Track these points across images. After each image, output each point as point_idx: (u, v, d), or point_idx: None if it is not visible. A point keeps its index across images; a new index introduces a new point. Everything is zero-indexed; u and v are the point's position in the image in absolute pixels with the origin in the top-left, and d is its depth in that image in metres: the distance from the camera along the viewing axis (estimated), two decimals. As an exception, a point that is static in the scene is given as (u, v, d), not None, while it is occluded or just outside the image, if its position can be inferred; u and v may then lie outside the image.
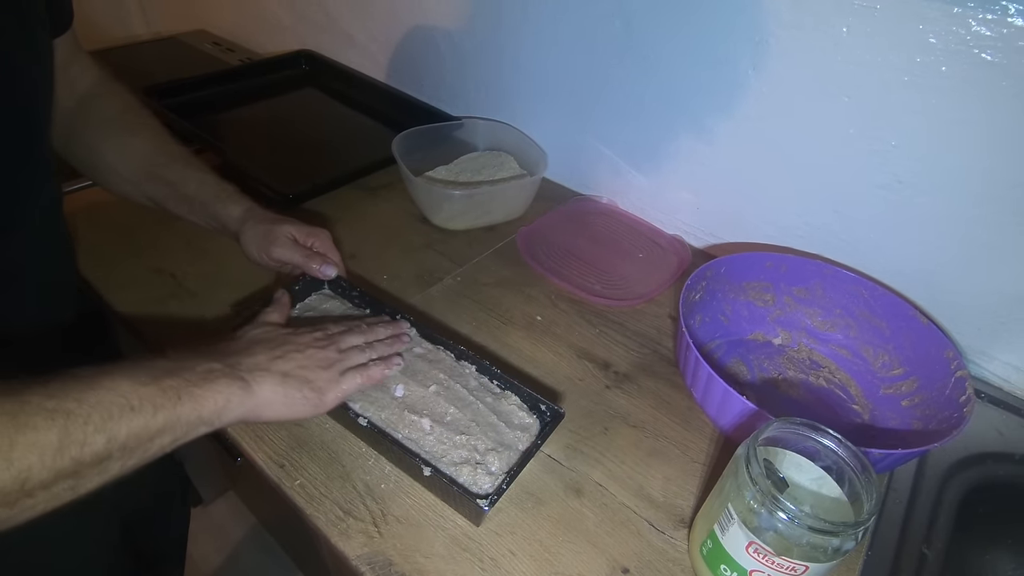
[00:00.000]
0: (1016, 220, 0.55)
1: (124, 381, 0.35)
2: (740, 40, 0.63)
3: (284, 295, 0.55)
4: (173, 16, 1.41)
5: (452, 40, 0.90)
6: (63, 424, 0.32)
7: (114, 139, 0.59)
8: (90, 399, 0.33)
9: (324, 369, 0.46)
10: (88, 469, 0.33)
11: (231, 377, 0.41)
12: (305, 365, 0.45)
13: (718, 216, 0.76)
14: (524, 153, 0.86)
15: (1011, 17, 0.48)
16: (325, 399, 0.45)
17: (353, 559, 0.44)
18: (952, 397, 0.52)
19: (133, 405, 0.35)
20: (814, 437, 0.40)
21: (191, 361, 0.40)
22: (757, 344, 0.67)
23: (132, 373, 0.36)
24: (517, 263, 0.74)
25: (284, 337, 0.48)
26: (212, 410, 0.39)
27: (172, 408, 0.37)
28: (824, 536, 0.35)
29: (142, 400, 0.35)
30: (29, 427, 0.31)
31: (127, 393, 0.35)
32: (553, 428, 0.50)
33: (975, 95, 0.53)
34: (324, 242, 0.61)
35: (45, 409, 0.32)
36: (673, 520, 0.49)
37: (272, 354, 0.45)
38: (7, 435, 0.30)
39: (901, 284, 0.64)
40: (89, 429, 0.33)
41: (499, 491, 0.44)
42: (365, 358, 0.49)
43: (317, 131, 0.97)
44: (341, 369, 0.47)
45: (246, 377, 0.42)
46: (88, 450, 0.33)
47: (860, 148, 0.61)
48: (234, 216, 0.59)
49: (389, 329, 0.54)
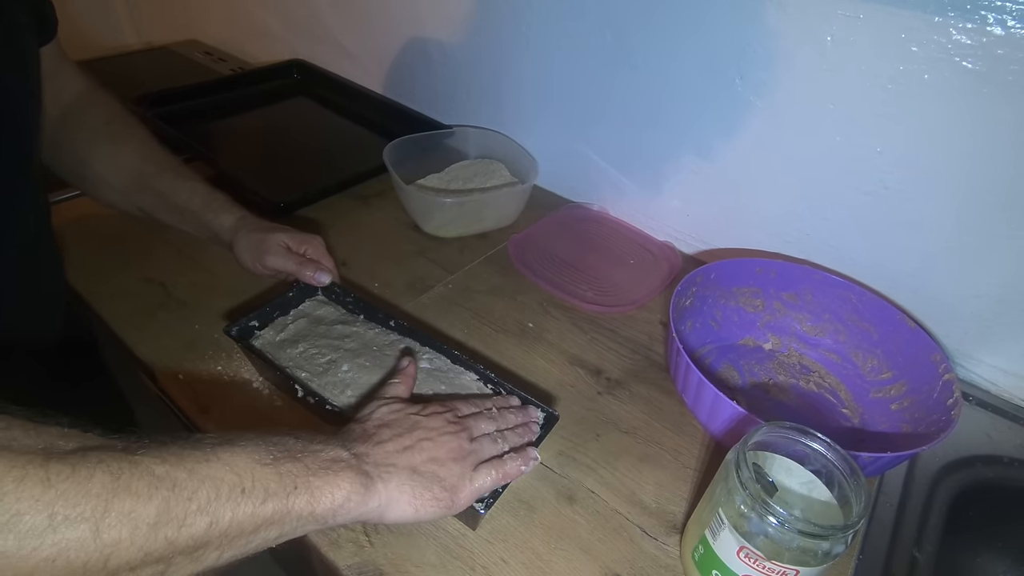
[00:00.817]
0: (1000, 224, 0.56)
1: (241, 458, 0.32)
2: (727, 49, 0.64)
3: (411, 365, 0.50)
4: (164, 26, 1.41)
5: (443, 49, 0.91)
6: (166, 496, 0.28)
7: (101, 148, 0.58)
8: (201, 472, 0.30)
9: (456, 462, 0.41)
10: (181, 556, 0.29)
11: (355, 471, 0.36)
12: (437, 457, 0.40)
13: (708, 223, 0.77)
14: (515, 161, 0.87)
15: (990, 26, 0.49)
16: (458, 499, 0.40)
17: (343, 569, 0.44)
18: (940, 400, 0.53)
19: (245, 487, 0.31)
20: (803, 441, 0.41)
21: (320, 444, 0.37)
22: (747, 349, 0.67)
23: (252, 448, 0.33)
24: (509, 270, 0.74)
25: (414, 420, 0.43)
26: (327, 507, 0.34)
27: (284, 498, 0.33)
28: (814, 540, 0.35)
29: (255, 482, 0.32)
30: (130, 492, 0.27)
31: (242, 471, 0.31)
32: (548, 431, 0.50)
33: (957, 102, 0.53)
34: (317, 249, 0.61)
35: (152, 475, 0.28)
36: (665, 526, 0.49)
37: (401, 443, 0.40)
38: (103, 499, 0.26)
39: (889, 288, 0.64)
40: (192, 507, 0.29)
41: (495, 495, 0.44)
42: (498, 450, 0.44)
43: (309, 140, 0.97)
44: (475, 463, 0.42)
45: (371, 473, 0.37)
46: (185, 532, 0.29)
47: (846, 155, 0.61)
48: (226, 226, 0.59)
49: (519, 416, 0.49)
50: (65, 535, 0.25)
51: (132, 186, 0.59)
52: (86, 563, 0.25)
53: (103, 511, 0.26)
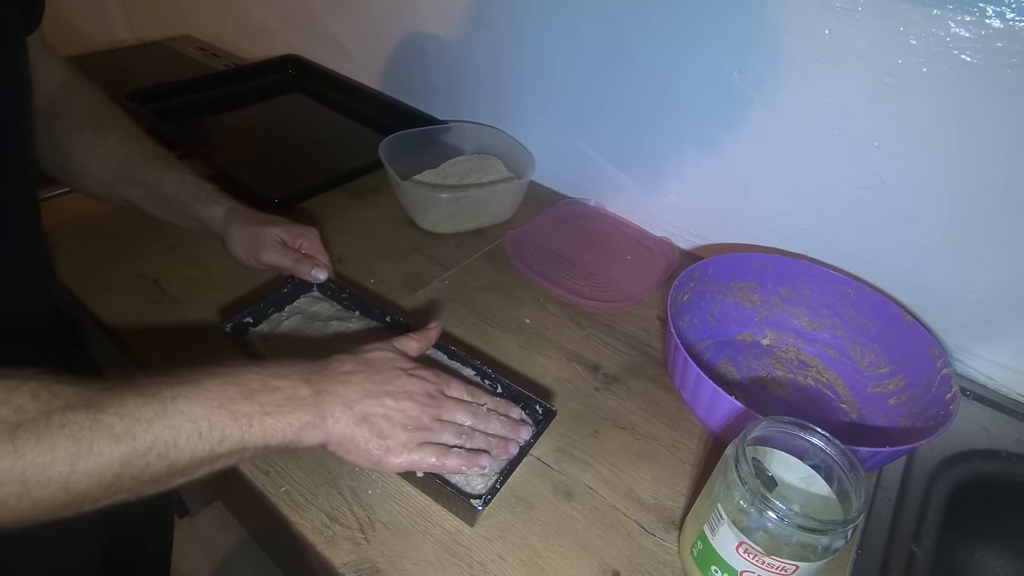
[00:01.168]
0: (997, 219, 0.56)
1: (198, 405, 0.35)
2: (726, 43, 0.63)
3: (436, 328, 0.50)
4: (158, 21, 1.40)
5: (439, 44, 0.90)
6: (127, 451, 0.32)
7: (84, 139, 0.57)
8: (158, 425, 0.33)
9: (406, 430, 0.42)
10: (146, 486, 0.34)
11: (310, 408, 0.39)
12: (390, 416, 0.41)
13: (705, 218, 0.76)
14: (512, 156, 0.86)
15: (989, 19, 0.49)
16: (387, 461, 0.41)
17: (340, 567, 0.44)
18: (938, 395, 0.53)
19: (201, 431, 0.34)
20: (802, 436, 0.40)
21: (281, 380, 0.39)
22: (745, 345, 0.67)
23: (210, 393, 0.35)
24: (505, 266, 0.73)
25: (394, 375, 0.43)
26: (280, 441, 0.38)
27: (240, 435, 0.36)
28: (814, 535, 0.35)
29: (212, 426, 0.35)
30: (91, 453, 0.30)
31: (198, 418, 0.34)
32: (546, 426, 0.49)
33: (956, 96, 0.53)
34: (312, 243, 0.60)
35: (112, 433, 0.31)
36: (663, 522, 0.49)
37: (366, 388, 0.41)
38: (68, 462, 0.30)
39: (886, 283, 0.64)
40: (152, 456, 0.32)
41: (492, 491, 0.44)
42: (456, 442, 0.44)
43: (304, 136, 0.96)
44: (422, 440, 0.42)
45: (325, 411, 0.39)
46: (148, 472, 0.33)
47: (844, 149, 0.61)
48: (216, 217, 0.58)
49: (504, 428, 0.47)
50: (38, 495, 0.29)
51: (117, 177, 0.57)
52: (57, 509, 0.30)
53: (69, 472, 0.30)
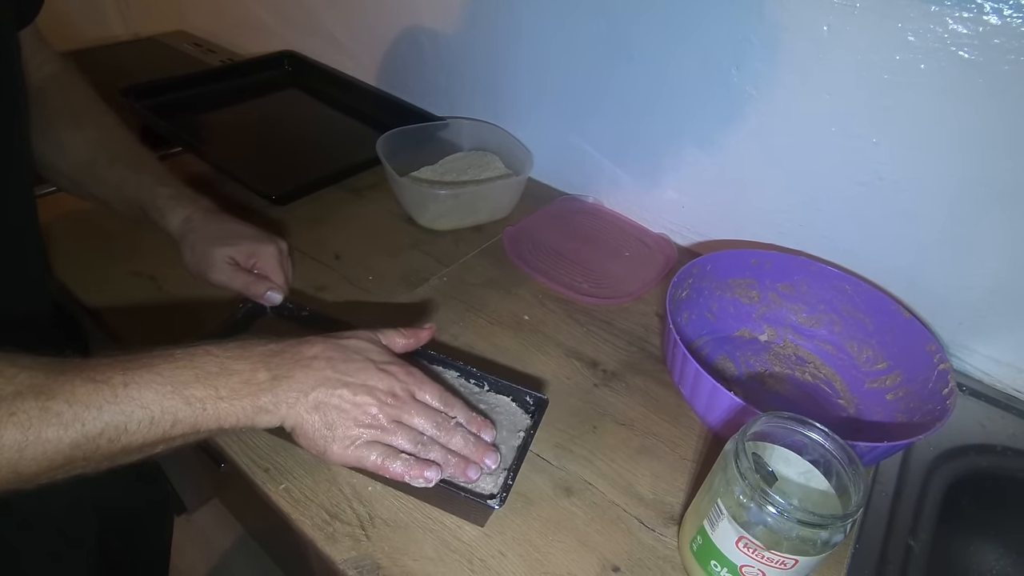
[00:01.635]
0: (994, 215, 0.56)
1: (149, 391, 0.35)
2: (724, 40, 0.63)
3: (428, 331, 0.49)
4: (152, 16, 1.39)
5: (436, 40, 0.90)
6: (76, 437, 0.32)
7: (54, 135, 0.55)
8: (108, 411, 0.33)
9: (357, 425, 0.40)
10: (99, 463, 0.34)
11: (265, 392, 0.39)
12: (343, 409, 0.40)
13: (703, 214, 0.76)
14: (510, 153, 0.86)
15: (986, 15, 0.49)
16: (329, 452, 0.40)
17: (340, 563, 0.44)
18: (935, 390, 0.53)
19: (153, 416, 0.35)
20: (801, 431, 0.41)
21: (241, 362, 0.39)
22: (743, 341, 0.67)
23: (163, 379, 0.35)
24: (504, 263, 0.73)
25: (361, 367, 0.42)
26: (235, 422, 0.38)
27: (194, 419, 0.36)
28: (813, 529, 0.35)
29: (164, 411, 0.35)
30: (39, 440, 0.31)
31: (149, 404, 0.34)
32: (541, 415, 0.49)
33: (953, 92, 0.53)
34: (267, 262, 0.55)
35: (61, 421, 0.32)
36: (663, 517, 0.49)
37: (326, 376, 0.40)
38: (16, 448, 0.30)
39: (883, 279, 0.65)
40: (102, 441, 0.33)
41: (506, 487, 0.43)
42: (408, 448, 0.42)
43: (301, 132, 0.96)
44: (370, 438, 0.41)
45: (280, 397, 0.39)
46: (99, 453, 0.34)
47: (842, 145, 0.61)
48: (171, 228, 0.55)
49: (467, 448, 0.43)
50: None
51: (82, 175, 0.55)
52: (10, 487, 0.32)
53: (17, 459, 0.31)
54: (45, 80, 0.57)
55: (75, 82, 0.59)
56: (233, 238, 0.55)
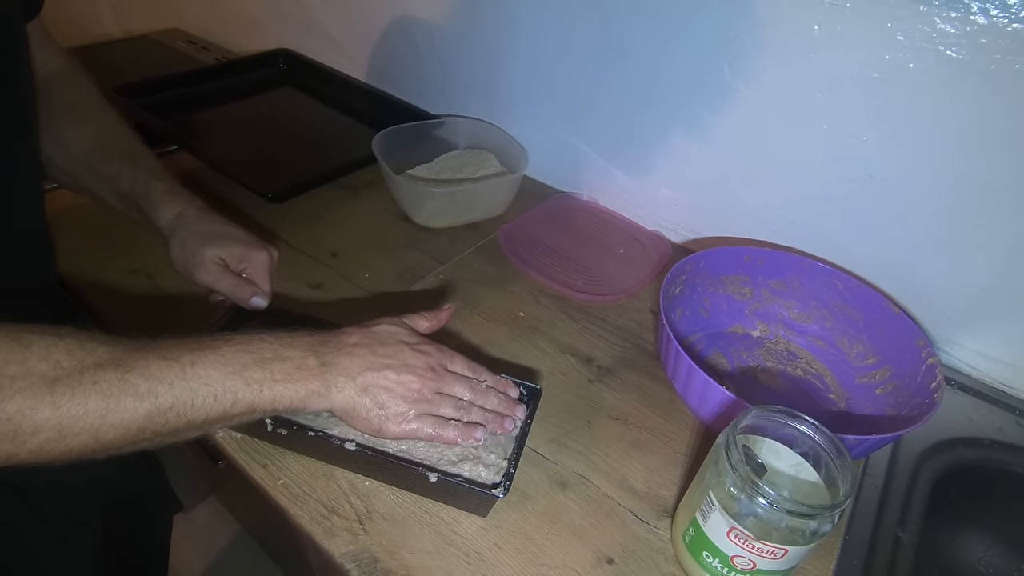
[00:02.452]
0: (982, 212, 0.57)
1: (215, 370, 0.38)
2: (716, 39, 0.64)
3: (448, 311, 0.52)
4: (146, 14, 1.39)
5: (432, 38, 0.90)
6: (150, 408, 0.35)
7: (55, 130, 0.55)
8: (179, 387, 0.36)
9: (406, 401, 0.43)
10: (166, 437, 0.37)
11: (316, 377, 0.42)
12: (391, 388, 0.43)
13: (697, 211, 0.77)
14: (505, 151, 0.87)
15: (973, 15, 0.50)
16: (386, 428, 0.43)
17: (338, 557, 0.44)
18: (924, 384, 0.54)
19: (216, 394, 0.38)
20: (791, 424, 0.41)
21: (292, 350, 0.42)
22: (736, 337, 0.68)
23: (226, 360, 0.38)
24: (499, 260, 0.74)
25: (398, 349, 0.45)
26: (288, 404, 0.41)
27: (251, 399, 0.39)
28: (802, 519, 0.36)
29: (226, 390, 0.38)
30: (119, 409, 0.34)
31: (214, 383, 0.37)
32: (536, 405, 0.51)
33: (941, 91, 0.54)
34: (257, 269, 0.55)
35: (137, 393, 0.35)
36: (656, 510, 0.50)
37: (370, 361, 0.43)
38: (99, 414, 0.33)
39: (874, 275, 0.65)
40: (172, 415, 0.36)
41: (508, 476, 0.45)
42: (454, 415, 0.45)
43: (296, 130, 0.96)
44: (422, 411, 0.44)
45: (330, 381, 0.42)
46: (168, 427, 0.36)
47: (833, 143, 0.62)
48: (162, 222, 0.54)
49: (502, 404, 0.48)
50: (71, 443, 0.33)
51: (79, 169, 0.56)
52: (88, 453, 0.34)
53: (99, 425, 0.34)
54: (50, 76, 0.57)
55: (79, 79, 0.59)
56: (225, 239, 0.54)
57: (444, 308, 0.52)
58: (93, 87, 0.60)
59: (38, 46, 0.54)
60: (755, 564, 0.39)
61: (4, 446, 0.32)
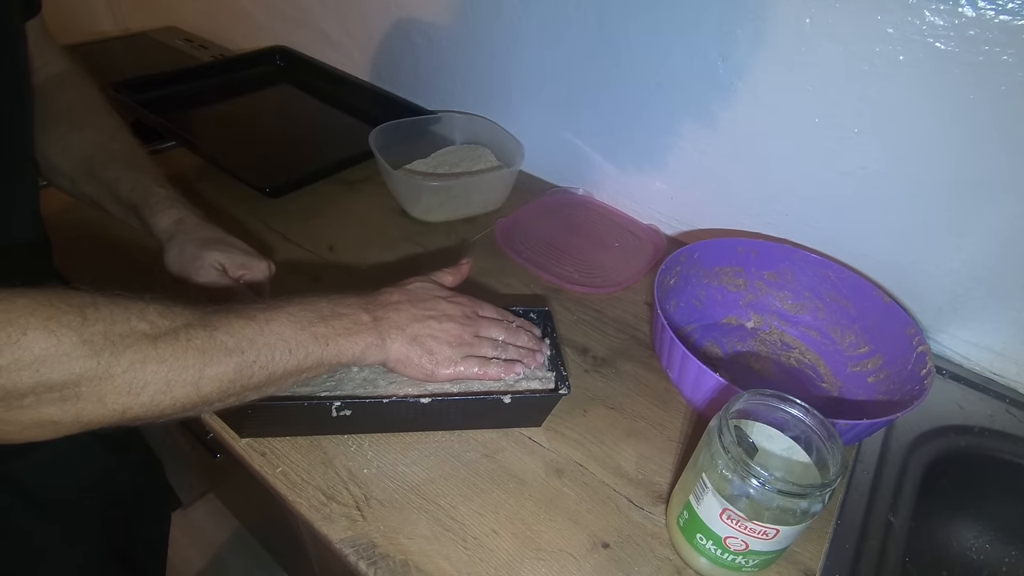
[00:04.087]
0: (971, 203, 0.58)
1: (287, 327, 0.41)
2: (710, 32, 0.65)
3: (467, 264, 0.57)
4: (142, 12, 1.39)
5: (428, 34, 0.91)
6: (238, 362, 0.38)
7: (56, 132, 0.55)
8: (259, 342, 0.39)
9: (451, 346, 0.48)
10: (250, 392, 0.40)
11: (371, 331, 0.45)
12: (436, 336, 0.48)
13: (691, 205, 0.78)
14: (501, 146, 0.87)
15: (961, 7, 0.51)
16: (438, 372, 0.48)
17: (337, 543, 0.45)
18: (914, 371, 0.55)
19: (291, 348, 0.41)
20: (783, 408, 0.42)
21: (346, 308, 0.45)
22: (731, 328, 0.69)
23: (295, 318, 0.42)
24: (496, 254, 0.75)
25: (435, 302, 0.50)
26: (351, 357, 0.44)
27: (320, 352, 0.42)
28: (793, 499, 0.37)
29: (299, 344, 0.41)
30: (213, 362, 0.37)
31: (288, 338, 0.41)
32: (552, 322, 0.57)
33: (931, 83, 0.55)
34: (256, 277, 0.55)
35: (226, 348, 0.37)
36: (651, 496, 0.50)
37: (413, 313, 0.48)
38: (198, 368, 0.36)
39: (866, 266, 0.66)
40: (256, 368, 0.39)
41: (563, 377, 0.51)
42: (493, 354, 0.50)
43: (293, 127, 0.96)
44: (465, 353, 0.49)
45: (384, 333, 0.46)
46: (252, 381, 0.39)
47: (825, 136, 0.63)
48: (160, 227, 0.54)
49: (531, 341, 0.54)
50: (176, 394, 0.36)
51: (80, 173, 0.56)
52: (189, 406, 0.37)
53: (198, 376, 0.36)
54: (51, 78, 0.57)
55: (81, 82, 0.59)
56: (226, 245, 0.55)
57: (463, 262, 0.57)
58: (95, 91, 0.60)
59: (38, 47, 0.54)
60: (748, 545, 0.40)
61: (120, 399, 0.34)
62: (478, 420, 0.54)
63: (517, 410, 0.52)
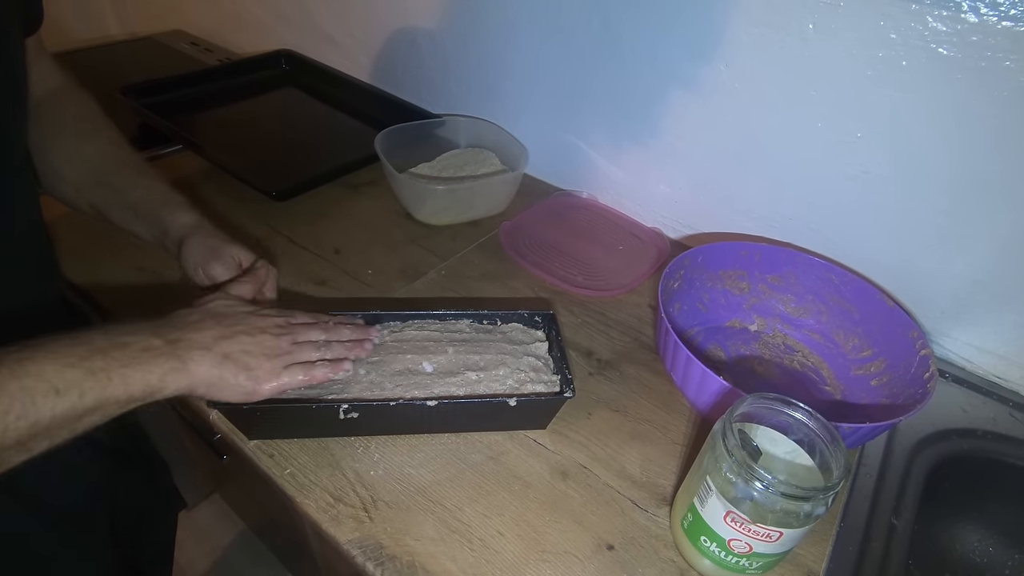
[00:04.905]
0: (975, 207, 0.58)
1: (49, 365, 0.35)
2: (713, 37, 0.65)
3: (264, 268, 0.55)
4: (148, 16, 1.40)
5: (433, 38, 0.91)
6: None
7: (64, 143, 0.57)
8: (13, 386, 0.33)
9: (268, 359, 0.45)
10: (10, 451, 0.34)
11: (167, 356, 0.40)
12: (250, 351, 0.44)
13: (695, 208, 0.78)
14: (505, 150, 0.88)
15: (964, 13, 0.51)
16: (260, 389, 0.44)
17: (344, 544, 0.45)
18: (917, 375, 0.55)
19: (58, 389, 0.35)
20: (786, 411, 0.42)
21: (130, 336, 0.40)
22: (734, 331, 0.69)
23: (59, 354, 0.36)
24: (500, 257, 0.75)
25: (242, 316, 0.47)
26: (144, 390, 0.39)
27: (101, 390, 0.37)
28: (797, 502, 0.37)
29: (68, 385, 0.35)
30: None
31: (52, 378, 0.35)
32: (556, 326, 0.57)
33: (933, 88, 0.55)
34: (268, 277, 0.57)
35: None
36: (655, 499, 0.51)
37: (220, 331, 0.44)
38: None
39: (870, 270, 0.67)
40: (10, 417, 0.33)
41: (567, 380, 0.51)
42: (317, 356, 0.48)
43: (299, 130, 0.97)
44: (287, 363, 0.46)
45: (183, 356, 0.41)
46: (10, 436, 0.33)
47: (828, 140, 0.63)
48: (182, 222, 0.56)
49: (355, 333, 0.52)
50: None
51: (87, 182, 0.57)
52: None
53: None
54: (50, 92, 0.58)
55: (82, 97, 0.60)
56: (240, 246, 0.57)
57: (259, 266, 0.54)
58: (94, 103, 0.61)
59: (35, 61, 0.55)
60: (751, 547, 0.40)
61: None
62: (483, 423, 0.54)
63: (522, 413, 0.52)
